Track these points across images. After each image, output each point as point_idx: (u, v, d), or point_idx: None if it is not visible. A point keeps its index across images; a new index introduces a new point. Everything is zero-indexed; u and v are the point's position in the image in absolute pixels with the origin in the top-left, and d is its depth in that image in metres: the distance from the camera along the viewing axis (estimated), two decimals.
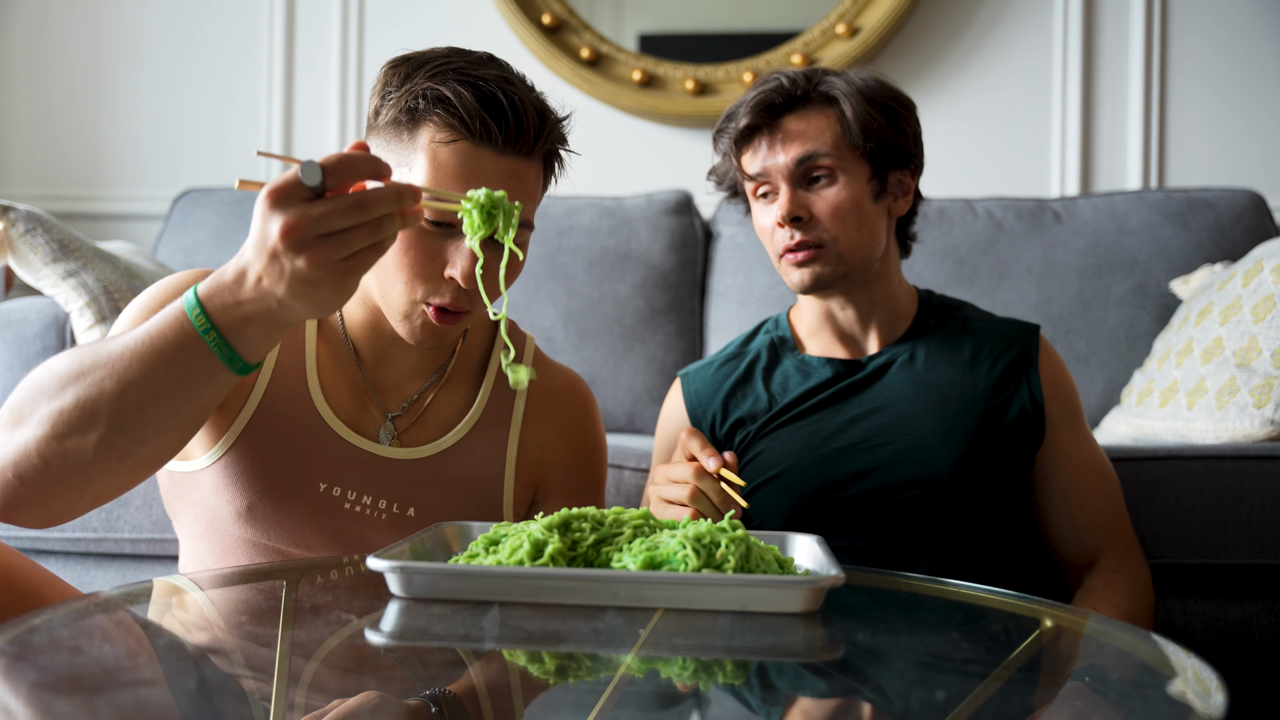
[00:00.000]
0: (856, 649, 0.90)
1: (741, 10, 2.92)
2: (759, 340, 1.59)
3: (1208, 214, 2.38)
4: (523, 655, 0.86)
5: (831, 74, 1.49)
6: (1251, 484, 1.69)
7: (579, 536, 1.00)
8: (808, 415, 1.48)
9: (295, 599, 1.02)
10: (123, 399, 1.00)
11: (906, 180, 1.51)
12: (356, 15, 2.91)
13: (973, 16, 2.80)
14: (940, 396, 1.46)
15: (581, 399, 1.43)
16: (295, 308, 0.97)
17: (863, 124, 1.44)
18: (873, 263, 1.49)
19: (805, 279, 1.46)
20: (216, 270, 1.00)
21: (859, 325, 1.52)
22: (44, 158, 2.97)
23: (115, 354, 1.00)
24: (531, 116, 1.18)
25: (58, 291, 2.03)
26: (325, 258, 0.93)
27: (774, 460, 1.46)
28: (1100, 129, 2.78)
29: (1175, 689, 0.83)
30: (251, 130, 2.94)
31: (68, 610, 0.93)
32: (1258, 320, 1.86)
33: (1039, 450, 1.48)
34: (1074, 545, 1.47)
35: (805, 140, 1.45)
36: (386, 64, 1.23)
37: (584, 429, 1.41)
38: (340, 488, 1.24)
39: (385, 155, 1.19)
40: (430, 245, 1.18)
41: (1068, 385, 1.52)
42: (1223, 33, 2.75)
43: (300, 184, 0.92)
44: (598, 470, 1.43)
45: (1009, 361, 1.49)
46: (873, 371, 1.50)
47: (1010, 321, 1.55)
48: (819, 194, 1.45)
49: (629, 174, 2.85)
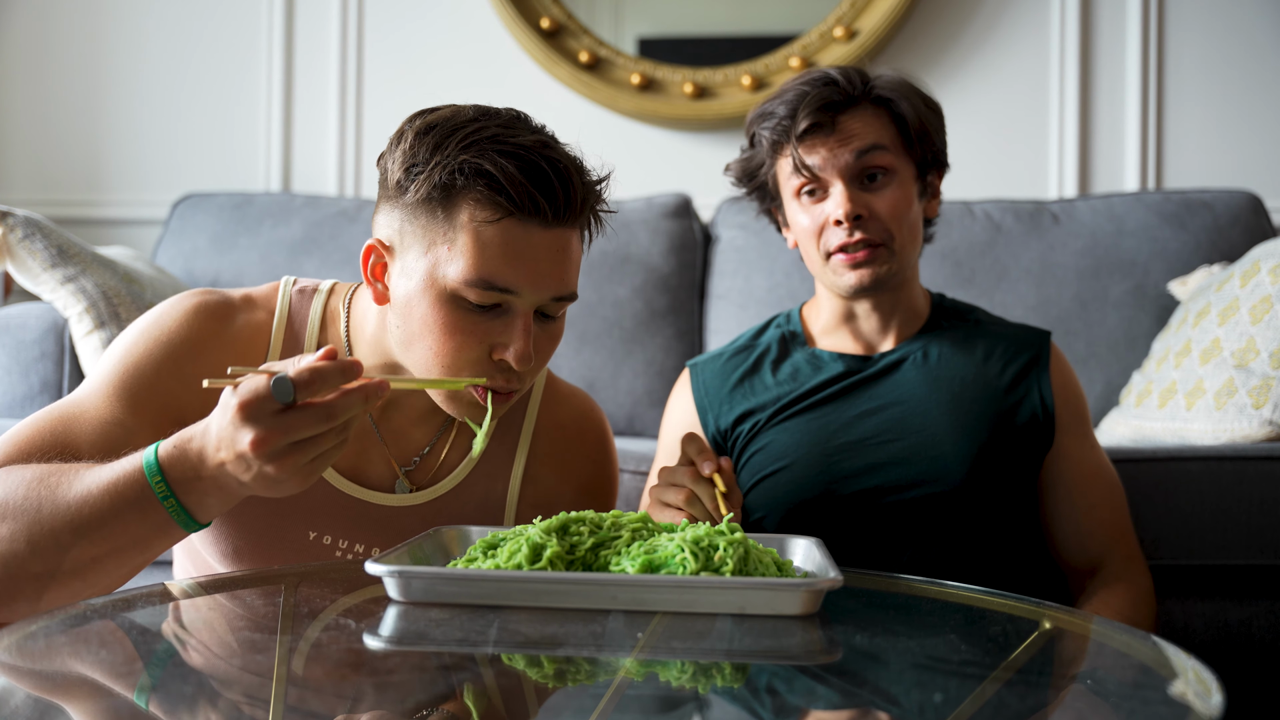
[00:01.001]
0: (855, 651, 0.90)
1: (740, 14, 2.92)
2: (769, 334, 1.58)
3: (1205, 215, 2.38)
4: (522, 660, 0.86)
5: (877, 75, 1.50)
6: (1250, 485, 1.69)
7: (577, 540, 1.00)
8: (818, 408, 1.48)
9: (294, 603, 1.02)
10: (79, 552, 0.99)
11: (936, 182, 1.54)
12: (355, 20, 2.91)
13: (970, 19, 2.80)
14: (952, 395, 1.46)
15: (593, 433, 1.35)
16: (257, 490, 0.97)
17: (916, 124, 1.46)
18: (914, 264, 1.51)
19: (864, 279, 1.45)
20: (178, 436, 0.99)
21: (877, 326, 1.53)
22: (43, 163, 2.97)
23: (73, 508, 0.99)
24: (576, 184, 1.12)
25: (56, 297, 2.03)
26: (294, 464, 0.94)
27: (781, 452, 1.46)
28: (1098, 131, 2.78)
29: (1175, 690, 0.83)
30: (251, 135, 2.94)
31: (65, 615, 0.93)
32: (1255, 321, 1.86)
33: (1047, 455, 1.48)
34: (1078, 551, 1.47)
35: (865, 137, 1.45)
36: (410, 129, 1.13)
37: (594, 465, 1.34)
38: (331, 535, 1.22)
39: (414, 231, 1.12)
40: (479, 328, 1.11)
41: (1077, 392, 1.52)
42: (1219, 34, 2.75)
43: (271, 398, 0.92)
44: (607, 502, 1.36)
45: (1021, 365, 1.49)
46: (885, 367, 1.50)
47: (1022, 326, 1.56)
48: (877, 193, 1.46)
49: (628, 177, 2.85)
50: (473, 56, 2.89)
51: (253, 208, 2.60)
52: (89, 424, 1.12)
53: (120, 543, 1.00)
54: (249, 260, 2.52)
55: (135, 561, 1.02)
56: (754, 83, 2.76)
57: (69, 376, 2.03)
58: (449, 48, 2.90)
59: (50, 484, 1.01)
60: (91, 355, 2.00)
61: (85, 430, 1.11)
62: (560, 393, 1.36)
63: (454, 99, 1.24)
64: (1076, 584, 1.47)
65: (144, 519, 0.99)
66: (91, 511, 0.99)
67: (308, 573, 1.14)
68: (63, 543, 0.99)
